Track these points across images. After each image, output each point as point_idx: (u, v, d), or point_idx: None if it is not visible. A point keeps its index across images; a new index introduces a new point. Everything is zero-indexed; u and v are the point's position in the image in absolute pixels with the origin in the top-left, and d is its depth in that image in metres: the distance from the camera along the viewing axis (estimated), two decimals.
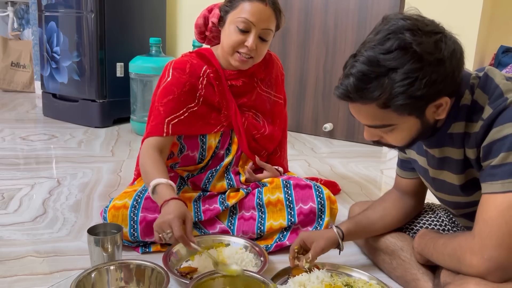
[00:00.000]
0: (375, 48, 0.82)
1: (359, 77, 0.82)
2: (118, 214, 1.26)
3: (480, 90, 0.88)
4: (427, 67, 0.80)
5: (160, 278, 1.02)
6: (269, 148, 1.49)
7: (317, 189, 1.34)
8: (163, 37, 3.21)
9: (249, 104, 1.43)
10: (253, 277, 1.04)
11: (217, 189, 1.41)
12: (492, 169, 0.83)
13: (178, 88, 1.31)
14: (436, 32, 0.83)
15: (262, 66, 1.45)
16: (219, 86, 1.36)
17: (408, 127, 0.88)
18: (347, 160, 2.41)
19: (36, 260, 1.22)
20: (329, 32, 2.78)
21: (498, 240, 0.80)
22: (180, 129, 1.32)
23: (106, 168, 2.06)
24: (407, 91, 0.80)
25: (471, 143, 0.88)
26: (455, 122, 0.91)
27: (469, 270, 0.84)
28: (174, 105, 1.31)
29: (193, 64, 1.35)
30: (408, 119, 0.86)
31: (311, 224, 1.32)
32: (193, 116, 1.34)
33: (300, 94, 2.95)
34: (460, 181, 0.95)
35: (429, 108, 0.86)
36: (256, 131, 1.43)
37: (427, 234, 1.05)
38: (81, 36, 2.79)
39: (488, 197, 0.83)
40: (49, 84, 3.06)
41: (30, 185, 1.79)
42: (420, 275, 1.09)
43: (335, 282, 1.08)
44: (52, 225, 1.44)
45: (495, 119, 0.83)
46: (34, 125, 2.94)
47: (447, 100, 0.85)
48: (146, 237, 1.27)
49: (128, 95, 2.85)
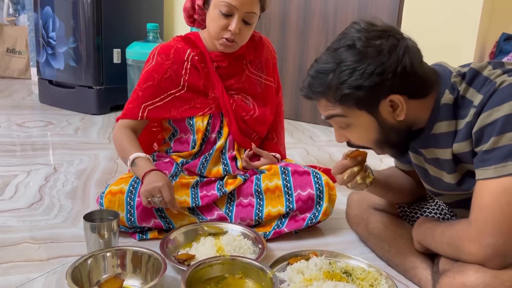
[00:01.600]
0: (328, 49, 0.90)
1: (312, 75, 0.91)
2: (114, 199, 1.24)
3: (467, 85, 0.88)
4: (364, 60, 0.84)
5: (157, 265, 1.01)
6: (260, 131, 1.47)
7: (315, 176, 1.32)
8: (161, 22, 3.17)
9: (238, 86, 1.41)
10: (251, 264, 1.03)
11: (213, 174, 1.40)
12: (484, 154, 0.82)
13: (158, 75, 1.34)
14: (385, 30, 0.87)
15: (252, 49, 1.43)
16: (204, 69, 1.36)
17: (364, 125, 0.91)
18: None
19: (32, 246, 1.21)
20: (329, 19, 2.75)
21: (494, 227, 0.80)
22: (156, 113, 1.35)
23: (103, 155, 2.04)
24: (347, 81, 0.85)
25: (463, 136, 0.88)
26: (436, 122, 0.91)
27: (468, 258, 0.84)
28: (153, 91, 1.34)
29: (177, 49, 1.36)
30: (359, 114, 0.89)
31: (309, 211, 1.31)
32: (176, 100, 1.36)
33: (299, 82, 2.92)
34: (455, 179, 0.95)
35: (383, 107, 0.88)
36: (245, 113, 1.41)
37: (426, 223, 1.05)
38: (77, 22, 2.75)
39: (482, 183, 0.83)
40: (45, 70, 3.02)
41: (26, 172, 1.77)
42: (419, 263, 1.09)
43: (333, 269, 1.07)
44: (48, 211, 1.43)
45: (485, 103, 0.83)
46: (30, 112, 2.92)
47: (401, 100, 0.86)
48: (143, 222, 1.26)
49: (125, 81, 2.82)
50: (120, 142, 1.32)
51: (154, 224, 1.28)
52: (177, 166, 1.40)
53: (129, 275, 1.05)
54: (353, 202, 1.31)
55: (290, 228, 1.31)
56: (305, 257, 1.14)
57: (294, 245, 1.29)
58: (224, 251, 1.14)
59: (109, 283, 1.02)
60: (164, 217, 1.28)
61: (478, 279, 0.81)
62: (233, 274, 1.03)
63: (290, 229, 1.31)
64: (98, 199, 1.28)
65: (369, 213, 1.25)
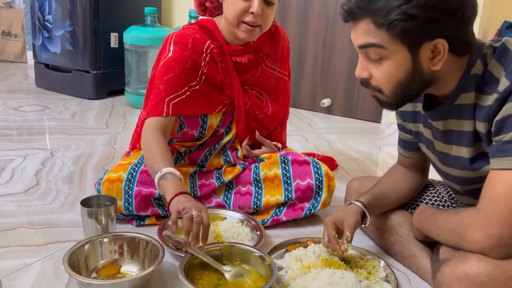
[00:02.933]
0: None
1: None
2: (112, 187, 1.23)
3: (496, 60, 0.84)
4: None
5: (155, 251, 1.01)
6: (270, 127, 1.45)
7: (315, 166, 1.31)
8: (159, 6, 3.13)
9: (253, 81, 1.37)
10: (250, 251, 1.03)
11: (214, 165, 1.39)
12: (503, 144, 0.80)
13: (179, 65, 1.23)
14: None
15: (268, 40, 1.37)
16: (222, 63, 1.28)
17: (398, 62, 0.84)
18: (345, 136, 2.38)
19: (29, 231, 1.20)
20: (329, 4, 2.71)
21: (503, 217, 0.78)
22: (181, 109, 1.25)
23: (100, 140, 2.02)
24: (402, 6, 0.78)
25: (483, 116, 0.85)
26: (463, 93, 0.88)
27: (471, 246, 0.83)
28: (175, 83, 1.23)
29: (195, 38, 1.26)
30: (399, 49, 0.83)
31: (308, 200, 1.30)
32: (195, 94, 1.27)
33: (298, 69, 2.90)
34: (470, 154, 0.92)
35: (424, 49, 0.82)
36: (259, 111, 1.38)
37: (427, 210, 1.04)
38: (74, 4, 2.70)
39: (497, 173, 0.81)
40: (42, 54, 2.98)
41: (23, 156, 1.75)
42: (418, 251, 1.09)
43: (332, 257, 1.07)
44: (45, 196, 1.42)
45: (511, 93, 0.79)
46: (26, 96, 2.89)
47: (445, 47, 0.82)
48: (140, 211, 1.25)
49: (122, 66, 2.79)
50: (150, 149, 1.18)
51: (152, 212, 1.27)
52: (178, 153, 1.39)
53: (126, 261, 1.04)
54: (352, 189, 1.30)
55: (288, 216, 1.30)
56: (304, 244, 1.13)
57: (293, 233, 1.28)
58: (223, 237, 1.13)
59: (106, 268, 1.01)
60: (162, 206, 1.27)
61: (480, 268, 0.80)
62: (231, 261, 1.03)
63: (288, 218, 1.31)
64: (96, 185, 1.27)
65: None
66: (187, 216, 0.96)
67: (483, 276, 0.79)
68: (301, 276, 0.99)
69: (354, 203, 1.10)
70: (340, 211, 1.10)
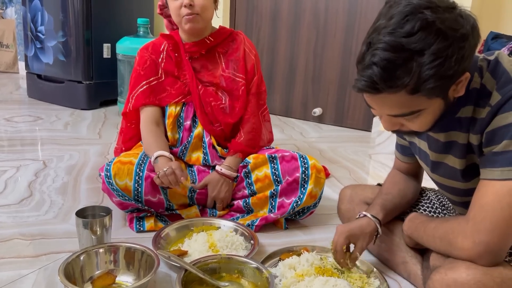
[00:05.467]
0: (395, 33, 0.75)
1: (384, 65, 0.75)
2: (124, 168, 1.26)
3: (489, 74, 0.86)
4: (454, 44, 0.75)
5: (150, 261, 1.02)
6: (223, 122, 1.42)
7: (302, 160, 1.33)
8: (151, 17, 3.15)
9: (211, 80, 1.44)
10: (247, 263, 1.04)
11: (193, 160, 1.44)
12: (493, 155, 0.82)
13: (140, 66, 1.45)
14: (453, 7, 0.78)
15: (227, 42, 1.46)
16: (177, 58, 1.45)
17: (434, 110, 0.83)
18: (336, 145, 2.41)
19: (23, 242, 1.20)
20: (319, 15, 2.75)
21: (491, 225, 0.80)
22: (139, 100, 1.43)
23: (93, 151, 2.03)
24: (439, 72, 0.75)
25: (476, 129, 0.87)
26: (464, 106, 0.88)
27: (460, 254, 0.85)
28: (135, 81, 1.45)
29: (155, 43, 1.48)
30: (435, 101, 0.81)
31: (295, 194, 1.31)
32: (156, 87, 1.44)
33: (289, 78, 2.93)
34: (461, 166, 0.94)
35: (451, 86, 0.81)
36: (212, 99, 1.42)
37: (418, 218, 1.06)
38: (66, 15, 2.72)
39: (487, 183, 0.83)
40: (34, 64, 2.98)
41: (16, 167, 1.75)
42: (408, 258, 1.11)
43: (324, 264, 1.08)
44: (38, 207, 1.42)
45: (502, 105, 0.81)
46: (18, 107, 2.88)
47: (468, 75, 0.81)
48: (149, 195, 1.29)
49: (115, 76, 2.80)
50: (145, 139, 1.41)
51: (158, 199, 1.31)
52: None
53: (122, 271, 1.05)
54: (345, 197, 1.31)
55: (275, 214, 1.33)
56: (297, 252, 1.15)
57: (286, 241, 1.30)
58: (217, 247, 1.15)
59: (102, 279, 1.02)
60: (167, 198, 1.34)
61: (469, 275, 0.82)
62: (229, 273, 1.04)
63: (276, 215, 1.33)
64: (104, 168, 1.28)
65: (360, 208, 1.25)
66: (160, 175, 1.23)
67: (472, 283, 0.81)
68: (295, 284, 1.00)
69: (371, 219, 1.07)
70: (355, 224, 1.08)
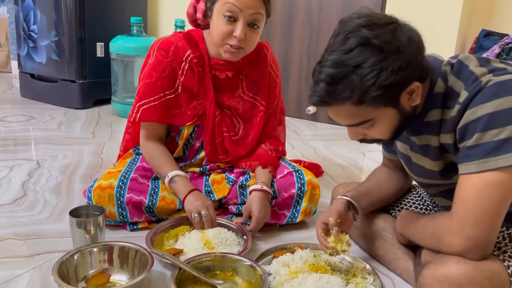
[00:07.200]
0: (337, 50, 0.85)
1: (328, 80, 0.85)
2: (104, 194, 1.24)
3: (454, 76, 0.90)
4: (389, 57, 0.82)
5: (144, 260, 1.02)
6: (233, 154, 1.38)
7: (298, 176, 1.32)
8: (145, 16, 3.14)
9: (229, 103, 1.36)
10: (241, 261, 1.05)
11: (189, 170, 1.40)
12: (467, 150, 0.85)
13: (157, 73, 1.28)
14: (390, 22, 0.85)
15: (253, 62, 1.37)
16: (200, 73, 1.30)
17: (388, 119, 0.90)
18: (330, 143, 2.42)
19: (17, 242, 1.20)
20: (313, 14, 2.76)
21: (475, 219, 0.82)
22: (148, 115, 1.29)
23: (87, 150, 2.03)
24: (377, 82, 0.82)
25: (448, 128, 0.90)
26: (430, 110, 0.93)
27: (449, 249, 0.86)
28: (148, 88, 1.28)
29: (178, 46, 1.29)
30: (385, 110, 0.88)
31: (288, 209, 1.32)
32: (169, 103, 1.30)
33: (284, 77, 2.94)
34: (438, 167, 0.97)
35: (403, 96, 0.87)
36: (226, 129, 1.36)
37: (408, 216, 1.07)
38: (59, 14, 2.70)
39: (465, 177, 0.85)
40: (27, 64, 2.97)
41: (9, 167, 1.75)
42: (401, 255, 1.12)
43: (318, 262, 1.09)
44: (32, 207, 1.42)
45: (470, 101, 0.85)
46: (11, 106, 2.87)
47: (418, 85, 0.87)
48: (135, 217, 1.27)
49: (109, 75, 2.79)
50: (153, 158, 1.31)
51: (145, 218, 1.29)
52: None
53: (116, 270, 1.05)
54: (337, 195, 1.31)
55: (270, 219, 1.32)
56: (291, 250, 1.16)
57: (280, 239, 1.31)
58: (211, 244, 1.15)
59: (96, 278, 1.02)
60: (154, 214, 1.30)
61: (459, 270, 0.83)
62: (223, 271, 1.05)
63: (270, 221, 1.33)
64: (86, 193, 1.27)
65: None
66: (197, 221, 1.19)
67: (462, 278, 0.83)
68: (288, 281, 1.01)
69: (341, 197, 1.14)
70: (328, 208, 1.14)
